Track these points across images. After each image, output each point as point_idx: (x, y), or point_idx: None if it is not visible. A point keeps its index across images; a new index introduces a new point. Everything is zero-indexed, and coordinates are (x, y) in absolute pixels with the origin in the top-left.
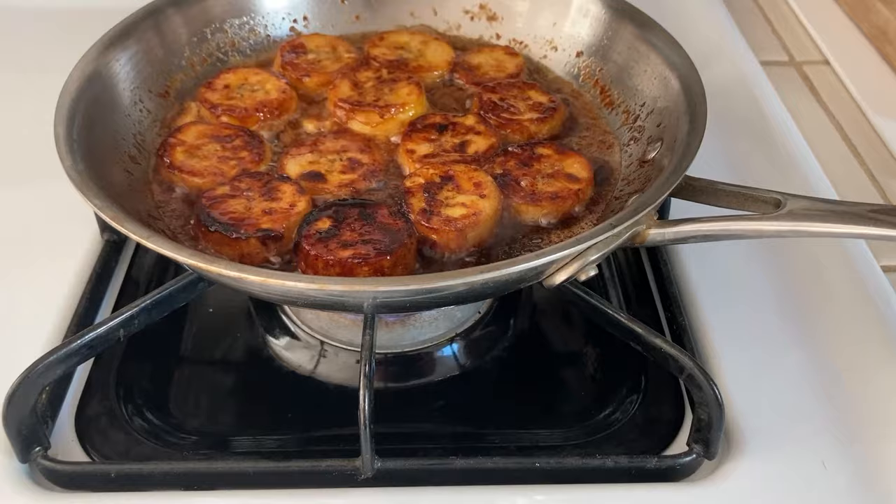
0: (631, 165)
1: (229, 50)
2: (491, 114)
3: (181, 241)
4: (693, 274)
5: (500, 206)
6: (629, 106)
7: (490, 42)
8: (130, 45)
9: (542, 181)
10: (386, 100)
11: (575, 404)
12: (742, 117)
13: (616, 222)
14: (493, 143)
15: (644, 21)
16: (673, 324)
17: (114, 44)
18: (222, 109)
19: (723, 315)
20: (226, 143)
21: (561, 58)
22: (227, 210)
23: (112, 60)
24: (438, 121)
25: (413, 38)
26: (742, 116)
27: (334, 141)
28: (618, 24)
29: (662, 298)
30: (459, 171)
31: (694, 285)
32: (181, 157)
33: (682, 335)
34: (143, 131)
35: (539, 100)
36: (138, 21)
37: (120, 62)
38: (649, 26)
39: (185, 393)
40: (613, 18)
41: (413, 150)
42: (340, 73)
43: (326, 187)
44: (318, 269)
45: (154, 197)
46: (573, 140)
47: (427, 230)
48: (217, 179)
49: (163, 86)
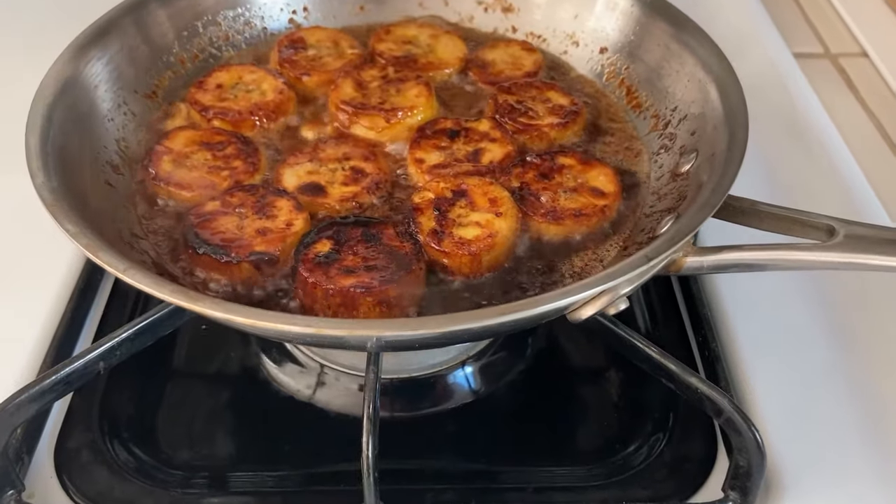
0: (662, 178)
1: (223, 44)
2: (507, 118)
3: (166, 264)
4: (726, 297)
5: (519, 225)
6: (659, 110)
7: (505, 36)
8: (110, 44)
9: (565, 196)
10: (392, 102)
11: (596, 438)
12: (774, 114)
13: (652, 254)
14: (509, 152)
15: (678, 18)
16: (704, 350)
17: (92, 43)
18: (214, 112)
19: (759, 345)
20: (217, 152)
21: (583, 54)
22: (218, 230)
23: (91, 61)
24: (450, 126)
25: (422, 31)
26: (774, 113)
27: (335, 148)
28: (649, 20)
29: (693, 322)
30: (473, 186)
31: (727, 309)
32: (168, 167)
33: (715, 366)
34: (126, 136)
35: (560, 102)
36: (118, 17)
37: (100, 62)
38: (684, 24)
39: (174, 422)
40: (644, 14)
41: (422, 160)
42: (343, 71)
43: (327, 202)
44: (317, 298)
45: (138, 211)
46: (597, 147)
47: (438, 254)
48: (207, 193)
49: (150, 86)
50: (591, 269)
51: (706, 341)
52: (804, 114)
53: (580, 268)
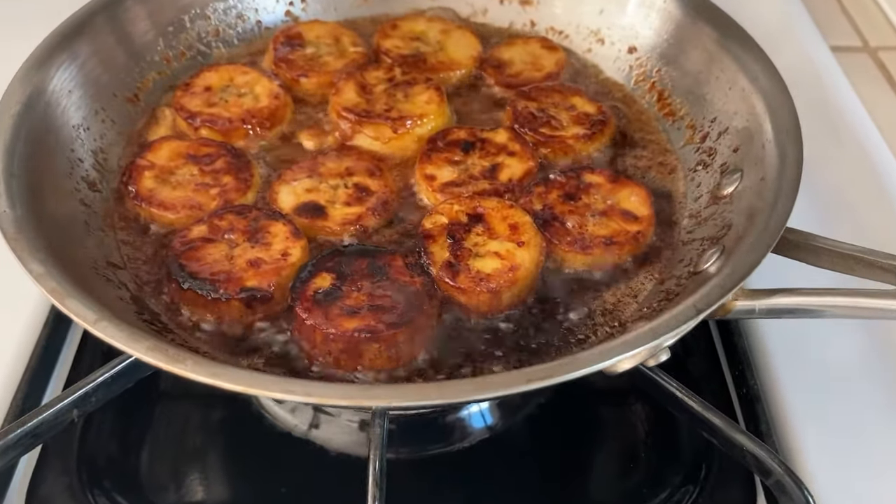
0: (701, 199)
1: (212, 40)
2: (527, 128)
3: (147, 299)
4: (766, 330)
5: (543, 255)
6: (696, 120)
7: (523, 31)
8: (82, 47)
9: (593, 221)
10: (400, 109)
11: (620, 487)
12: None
13: (702, 305)
14: (530, 168)
15: (722, 20)
16: (742, 388)
17: (61, 46)
18: (202, 120)
19: (806, 392)
20: (205, 166)
21: (609, 53)
22: (205, 260)
23: (61, 66)
24: (464, 137)
25: (431, 26)
26: (809, 111)
27: (337, 161)
28: (689, 20)
29: (728, 356)
30: (491, 209)
31: (770, 353)
32: (150, 184)
33: (754, 407)
34: (105, 147)
35: (585, 109)
36: (90, 16)
37: (73, 66)
38: (727, 27)
39: (159, 463)
40: (685, 14)
41: (433, 176)
42: (345, 72)
43: (327, 225)
44: (316, 342)
45: (116, 235)
46: (626, 161)
47: (453, 290)
48: (193, 215)
49: (131, 88)
50: (625, 305)
51: (744, 378)
52: (842, 111)
53: (612, 304)
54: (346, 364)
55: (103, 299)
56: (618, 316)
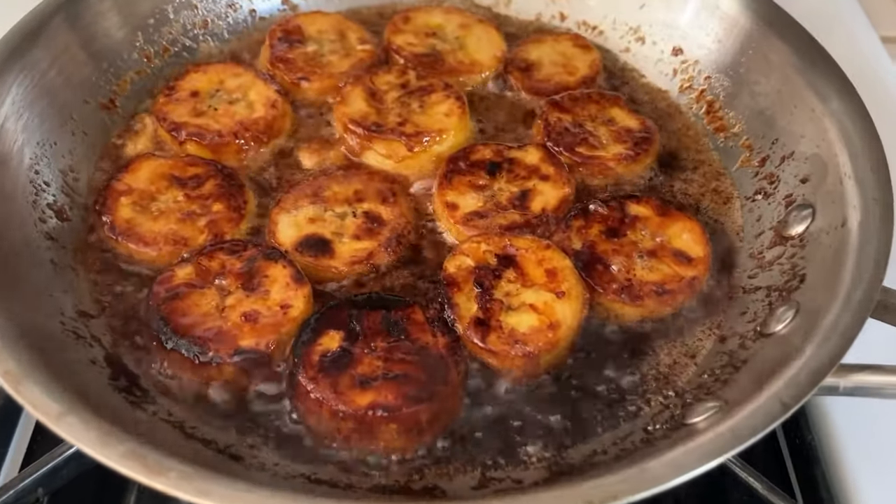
0: (763, 235)
1: (200, 33)
2: (562, 147)
3: (125, 356)
4: (832, 407)
5: (586, 308)
6: (753, 139)
7: (552, 25)
8: (37, 55)
9: (641, 263)
10: (415, 122)
11: None
12: None
13: (790, 399)
14: (565, 195)
15: (793, 33)
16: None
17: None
18: (187, 133)
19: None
20: (191, 190)
21: (650, 54)
22: (191, 313)
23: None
24: (489, 156)
25: (449, 18)
26: None
27: (344, 183)
28: (756, 29)
29: (791, 449)
30: (524, 249)
31: (839, 437)
32: (128, 213)
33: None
34: (75, 164)
35: (626, 124)
36: (44, 20)
37: (32, 76)
38: (800, 41)
39: None
40: (753, 24)
41: (454, 205)
42: (351, 75)
43: (333, 265)
44: (323, 418)
45: (89, 276)
46: (675, 185)
47: (482, 352)
48: (177, 251)
49: (105, 92)
50: (681, 368)
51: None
52: (894, 104)
53: (667, 366)
54: (358, 444)
55: (71, 368)
56: (673, 382)
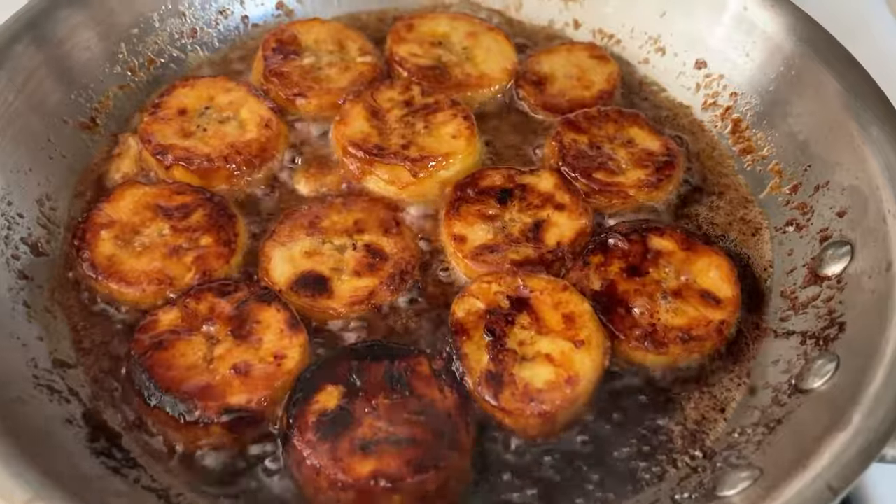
0: (795, 273)
1: (188, 43)
2: (578, 172)
3: (105, 411)
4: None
5: (607, 358)
6: (784, 163)
7: (566, 33)
8: (2, 74)
9: (665, 305)
10: (420, 145)
11: None
12: None
13: (838, 482)
14: (582, 227)
15: (837, 56)
16: None
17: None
18: (174, 158)
19: None
20: (178, 221)
21: (671, 66)
22: (177, 365)
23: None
24: (500, 183)
25: (456, 26)
26: None
27: (343, 212)
28: (796, 52)
29: None
30: (539, 291)
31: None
32: (109, 248)
33: None
34: (52, 192)
35: (647, 146)
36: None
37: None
38: (840, 62)
39: None
40: (794, 46)
41: (463, 237)
42: (351, 91)
43: (332, 306)
44: (322, 488)
45: (67, 319)
46: (699, 212)
47: (495, 411)
48: (162, 291)
49: (85, 111)
50: (710, 424)
51: None
52: None
53: (694, 421)
54: None
55: (44, 432)
56: (701, 440)
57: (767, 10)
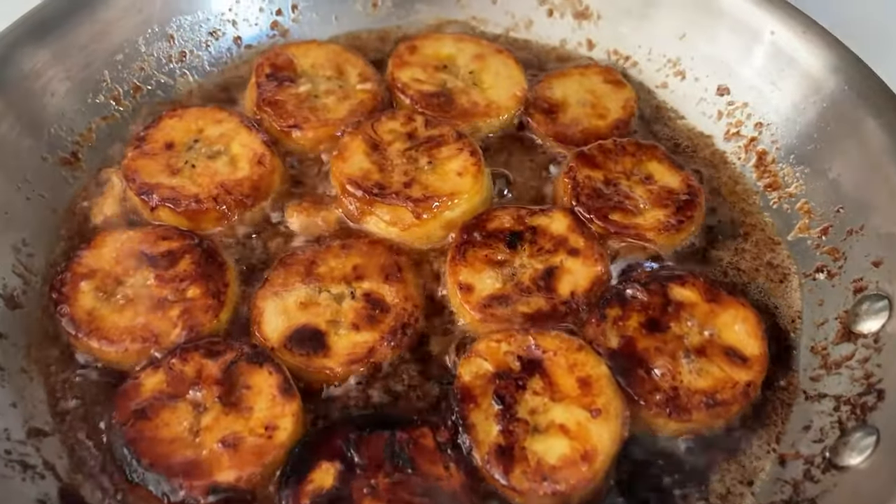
0: (826, 325)
1: (177, 67)
2: (593, 213)
3: (83, 486)
4: None
5: (626, 429)
6: (813, 204)
7: (578, 54)
8: None
9: (688, 365)
10: (424, 183)
11: None
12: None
13: None
14: (598, 275)
15: (875, 90)
16: None
17: None
18: (160, 199)
19: None
20: (164, 270)
21: (690, 91)
22: (161, 438)
23: None
24: (509, 225)
25: (461, 48)
26: None
27: (341, 257)
28: (829, 84)
29: None
30: (552, 351)
31: None
32: (89, 302)
33: None
34: (30, 238)
35: (666, 182)
36: None
37: None
38: (883, 102)
39: None
40: (828, 77)
41: (469, 286)
42: (350, 122)
43: (328, 365)
44: None
45: (46, 378)
46: (723, 256)
47: (506, 490)
48: (146, 350)
49: (66, 146)
50: (737, 499)
51: None
52: None
53: (720, 496)
54: None
55: None
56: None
57: (797, 35)
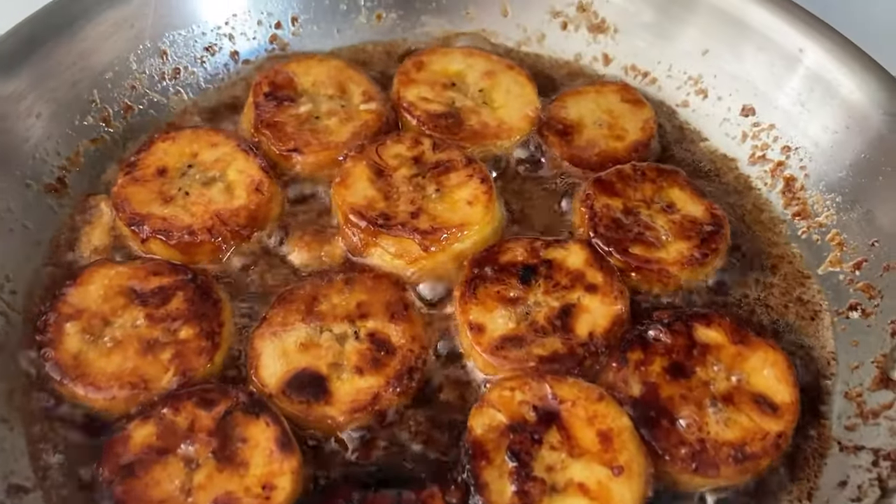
0: (861, 369)
1: (171, 85)
2: (612, 246)
3: None
4: None
5: (650, 488)
6: (846, 235)
7: (594, 69)
8: None
9: (716, 415)
10: (432, 213)
11: None
12: None
13: None
14: (618, 314)
15: None
16: None
17: None
18: (151, 230)
19: None
20: (155, 308)
21: (713, 111)
22: (149, 496)
23: None
24: (521, 258)
25: (471, 64)
26: None
27: (344, 293)
28: (864, 109)
29: None
30: (570, 402)
31: None
32: (75, 345)
33: None
34: (12, 273)
35: (690, 210)
36: None
37: None
38: None
39: None
40: (864, 102)
41: (481, 326)
42: (353, 146)
43: (330, 414)
44: None
45: (28, 427)
46: (750, 293)
47: None
48: (135, 397)
49: (51, 171)
50: None
51: None
52: None
53: None
54: None
55: None
56: None
57: (830, 55)
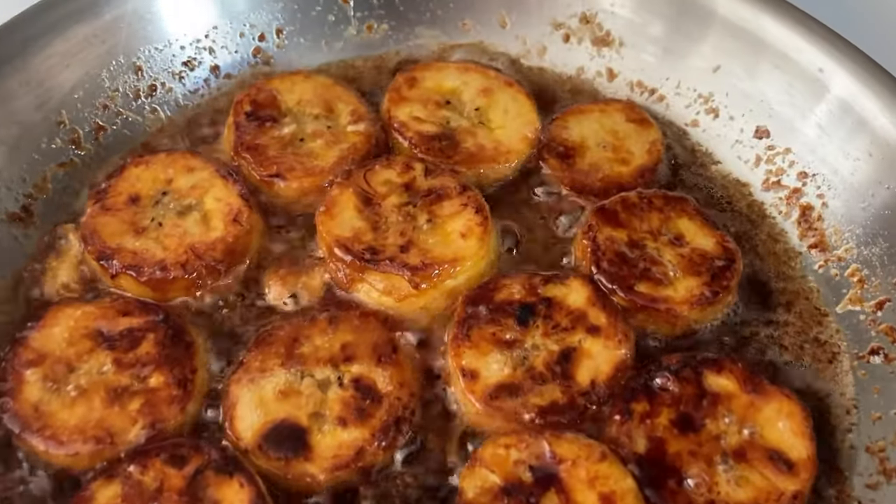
0: (884, 421)
1: (146, 103)
2: (616, 284)
3: None
4: None
5: None
6: (866, 271)
7: (597, 85)
8: None
9: (727, 474)
10: (423, 248)
11: None
12: None
13: None
14: (622, 360)
15: None
16: None
17: None
18: (121, 266)
19: None
20: (123, 353)
21: (725, 131)
22: None
23: None
24: (519, 296)
25: (466, 80)
26: None
27: (328, 333)
28: (888, 133)
29: None
30: (570, 460)
31: None
32: (35, 394)
33: None
34: None
35: (700, 243)
36: None
37: None
38: None
39: None
40: (887, 126)
41: (474, 372)
42: (340, 171)
43: (310, 471)
44: None
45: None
46: (761, 332)
47: None
48: (100, 452)
49: (15, 199)
50: None
51: None
52: None
53: None
54: None
55: None
56: None
57: (852, 75)
